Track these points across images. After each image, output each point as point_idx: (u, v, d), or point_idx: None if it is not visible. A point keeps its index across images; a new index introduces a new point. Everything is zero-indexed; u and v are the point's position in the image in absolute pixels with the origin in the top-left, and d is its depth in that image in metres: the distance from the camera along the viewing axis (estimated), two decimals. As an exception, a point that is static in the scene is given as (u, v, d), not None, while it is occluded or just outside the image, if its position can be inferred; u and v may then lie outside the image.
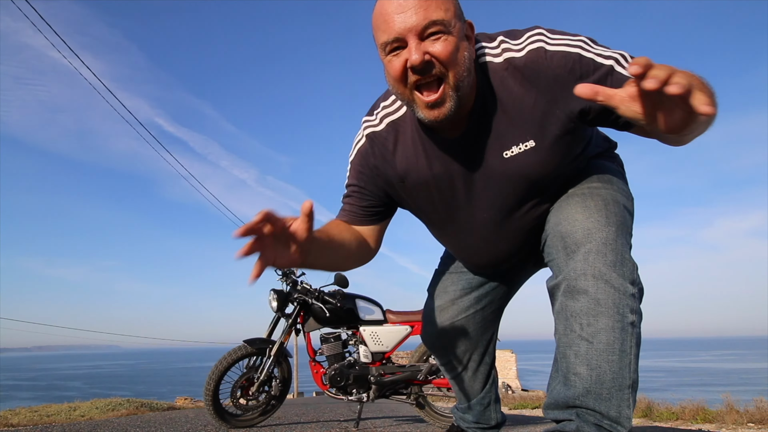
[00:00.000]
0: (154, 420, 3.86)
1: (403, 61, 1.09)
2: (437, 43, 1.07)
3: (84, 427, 3.24)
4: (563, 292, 1.17)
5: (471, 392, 1.77)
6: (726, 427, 4.12)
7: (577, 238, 1.15)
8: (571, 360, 1.14)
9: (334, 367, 3.30)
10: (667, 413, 4.83)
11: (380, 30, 1.11)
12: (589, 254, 1.12)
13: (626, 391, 1.12)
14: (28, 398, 38.57)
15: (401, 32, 1.07)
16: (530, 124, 1.18)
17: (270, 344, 3.21)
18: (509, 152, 1.21)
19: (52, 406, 6.49)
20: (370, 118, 1.36)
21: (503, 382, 23.68)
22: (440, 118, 1.13)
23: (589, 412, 1.13)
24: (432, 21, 1.06)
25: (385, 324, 3.48)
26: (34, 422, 4.43)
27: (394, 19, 1.07)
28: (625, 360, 1.11)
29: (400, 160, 1.31)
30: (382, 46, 1.12)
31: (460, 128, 1.22)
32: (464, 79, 1.11)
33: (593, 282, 1.11)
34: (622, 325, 1.10)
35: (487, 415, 1.81)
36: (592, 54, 1.13)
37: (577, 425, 1.14)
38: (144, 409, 5.64)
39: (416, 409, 3.43)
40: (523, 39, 1.17)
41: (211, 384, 3.04)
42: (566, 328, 1.15)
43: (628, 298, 1.11)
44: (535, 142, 1.19)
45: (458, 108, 1.14)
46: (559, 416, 1.20)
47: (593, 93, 0.86)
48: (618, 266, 1.12)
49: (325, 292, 3.37)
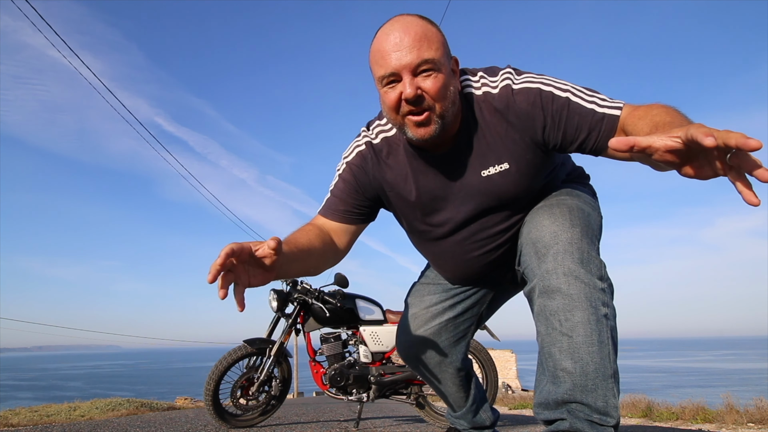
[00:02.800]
0: (154, 420, 3.86)
1: (398, 93, 1.24)
2: (428, 80, 1.23)
3: (84, 427, 3.24)
4: (539, 294, 1.26)
5: (456, 402, 1.88)
6: (726, 427, 4.12)
7: (546, 242, 1.27)
8: (557, 357, 1.21)
9: (334, 367, 3.30)
10: (667, 413, 4.84)
11: (378, 65, 1.26)
12: (558, 254, 1.24)
13: (609, 380, 1.19)
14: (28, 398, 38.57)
15: (397, 68, 1.22)
16: (503, 150, 1.34)
17: (270, 344, 3.21)
18: (486, 171, 1.37)
19: (52, 406, 6.49)
20: (367, 131, 1.50)
21: (503, 382, 23.69)
22: (426, 137, 1.27)
23: (579, 406, 1.19)
24: (424, 60, 1.21)
25: (385, 324, 3.48)
26: (34, 422, 4.43)
27: (391, 56, 1.22)
28: (604, 350, 1.19)
29: (390, 170, 1.46)
30: (379, 79, 1.27)
31: (447, 147, 1.37)
32: (449, 109, 1.27)
33: (564, 279, 1.21)
34: (596, 317, 1.19)
35: (479, 418, 1.92)
36: (551, 88, 1.28)
37: (570, 423, 1.20)
38: (144, 409, 5.64)
39: (416, 409, 3.43)
40: (497, 77, 1.34)
41: (211, 384, 3.04)
42: (547, 327, 1.23)
43: (599, 292, 1.21)
44: (509, 165, 1.35)
45: (442, 131, 1.29)
46: (550, 416, 1.24)
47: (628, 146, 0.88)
48: (585, 263, 1.22)
49: (325, 292, 3.37)
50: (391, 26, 1.25)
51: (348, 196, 1.49)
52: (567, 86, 1.28)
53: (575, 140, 1.27)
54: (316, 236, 1.42)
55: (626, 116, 1.20)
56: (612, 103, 1.24)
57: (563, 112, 1.26)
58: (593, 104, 1.25)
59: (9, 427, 3.78)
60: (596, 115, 1.23)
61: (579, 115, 1.25)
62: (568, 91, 1.27)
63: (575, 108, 1.25)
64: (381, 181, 1.48)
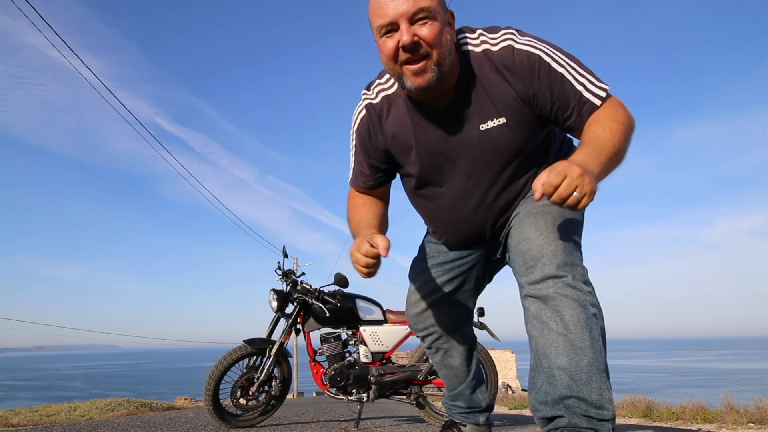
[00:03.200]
0: (154, 420, 3.86)
1: (395, 42, 1.31)
2: (424, 27, 1.29)
3: (84, 427, 3.24)
4: (531, 302, 1.34)
5: (458, 376, 1.94)
6: (726, 427, 4.12)
7: (533, 254, 1.36)
8: (552, 356, 1.27)
9: (334, 367, 3.29)
10: (667, 413, 4.84)
11: (376, 15, 1.32)
12: (544, 266, 1.33)
13: (602, 374, 1.25)
14: (28, 398, 38.56)
15: (394, 17, 1.29)
16: (501, 105, 1.41)
17: (270, 344, 3.21)
18: (485, 125, 1.43)
19: (52, 406, 6.49)
20: (367, 92, 1.58)
21: (503, 382, 23.68)
22: (423, 86, 1.34)
23: (575, 401, 1.23)
24: (420, 8, 1.28)
25: (385, 324, 3.47)
26: (34, 422, 4.43)
27: (388, 6, 1.29)
28: (596, 345, 1.26)
29: (391, 126, 1.54)
30: (377, 29, 1.33)
31: (446, 102, 1.44)
32: (446, 57, 1.33)
33: (552, 284, 1.30)
34: (587, 315, 1.27)
35: (476, 398, 1.98)
36: (550, 59, 1.36)
37: (567, 419, 1.24)
38: (144, 409, 5.64)
39: (416, 409, 3.42)
40: (498, 35, 1.40)
41: (211, 384, 3.03)
42: (542, 329, 1.30)
43: (586, 294, 1.30)
44: (505, 120, 1.42)
45: (440, 81, 1.34)
46: (547, 414, 1.28)
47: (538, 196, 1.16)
48: (569, 269, 1.31)
49: (325, 292, 3.36)
50: None
51: (368, 167, 1.63)
52: (564, 61, 1.36)
53: (556, 115, 1.40)
54: (377, 205, 1.68)
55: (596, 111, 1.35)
56: (598, 87, 1.35)
57: (556, 86, 1.35)
58: (582, 86, 1.35)
59: (9, 427, 3.78)
60: (582, 99, 1.35)
61: (568, 93, 1.35)
62: (563, 67, 1.35)
63: (567, 86, 1.35)
64: (386, 140, 1.56)
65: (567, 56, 1.37)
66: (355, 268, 1.41)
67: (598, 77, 1.36)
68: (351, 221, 1.64)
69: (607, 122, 1.31)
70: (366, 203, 1.68)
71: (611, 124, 1.30)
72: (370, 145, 1.59)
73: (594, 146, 1.26)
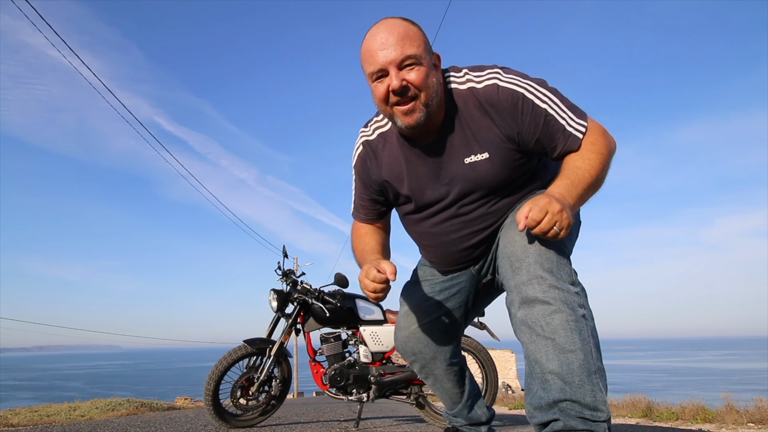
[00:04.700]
0: (154, 420, 3.86)
1: (386, 86, 1.42)
2: (412, 72, 1.39)
3: (84, 427, 3.24)
4: (518, 306, 1.36)
5: (452, 398, 1.99)
6: (726, 427, 4.12)
7: (518, 255, 1.39)
8: (543, 362, 1.28)
9: (334, 367, 3.29)
10: (667, 413, 4.84)
11: (367, 62, 1.44)
12: (530, 266, 1.35)
13: (594, 376, 1.26)
14: (28, 398, 38.56)
15: (383, 64, 1.40)
16: (484, 140, 1.48)
17: (270, 344, 3.21)
18: (469, 159, 1.51)
19: (52, 406, 6.50)
20: (365, 129, 1.70)
21: (503, 382, 23.68)
22: (412, 124, 1.44)
23: (570, 404, 1.25)
24: (407, 55, 1.38)
25: (385, 324, 3.47)
26: (34, 422, 4.43)
27: (378, 54, 1.40)
28: (586, 347, 1.27)
29: (386, 161, 1.64)
30: (369, 75, 1.45)
31: (432, 137, 1.53)
32: (433, 98, 1.43)
33: (538, 287, 1.32)
34: (575, 318, 1.28)
35: (475, 414, 2.03)
36: (533, 96, 1.43)
37: (563, 423, 1.25)
38: (144, 409, 5.64)
39: (416, 409, 3.42)
40: (483, 73, 1.48)
41: (211, 384, 3.03)
42: (531, 335, 1.31)
43: (573, 295, 1.32)
44: (488, 155, 1.49)
45: (427, 119, 1.44)
46: (543, 418, 1.30)
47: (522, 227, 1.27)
48: (555, 270, 1.34)
49: (325, 292, 3.36)
50: (377, 28, 1.42)
51: (368, 200, 1.75)
52: (546, 97, 1.44)
53: (543, 147, 1.48)
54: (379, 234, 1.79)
55: None
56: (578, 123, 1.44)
57: (540, 121, 1.43)
58: (564, 120, 1.43)
59: (9, 427, 3.78)
60: (566, 132, 1.43)
61: (551, 128, 1.43)
62: (546, 103, 1.43)
63: (550, 121, 1.43)
64: (381, 174, 1.66)
65: (550, 91, 1.44)
66: (365, 294, 1.50)
67: (578, 112, 1.45)
68: (356, 250, 1.75)
69: (587, 153, 1.42)
70: (369, 233, 1.78)
71: (590, 155, 1.41)
72: (368, 180, 1.70)
73: (572, 178, 1.37)
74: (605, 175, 1.43)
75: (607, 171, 1.43)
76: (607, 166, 1.43)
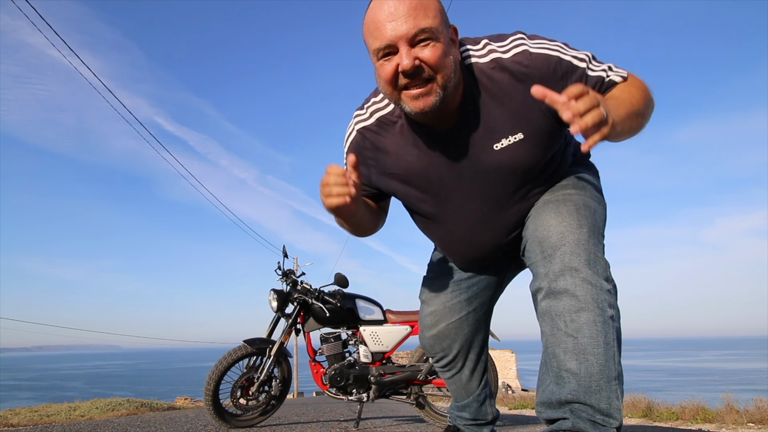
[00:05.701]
0: (154, 420, 3.86)
1: (394, 66, 1.17)
2: (426, 49, 1.16)
3: (84, 427, 3.24)
4: (545, 295, 1.25)
5: (468, 391, 1.84)
6: (726, 427, 4.12)
7: (553, 242, 1.26)
8: (561, 357, 1.20)
9: (334, 367, 3.29)
10: (667, 413, 4.84)
11: (372, 36, 1.19)
12: (564, 255, 1.22)
13: (613, 382, 1.18)
14: (28, 398, 38.55)
15: (393, 39, 1.15)
16: (519, 117, 1.28)
17: (270, 344, 3.21)
18: (499, 144, 1.30)
19: (52, 406, 6.50)
20: (360, 111, 1.43)
21: (503, 382, 23.68)
22: (425, 110, 1.21)
23: (582, 407, 1.18)
24: (421, 29, 1.14)
25: (385, 324, 3.47)
26: (34, 422, 4.43)
27: (386, 27, 1.15)
28: (609, 352, 1.18)
29: (389, 152, 1.39)
30: (374, 52, 1.20)
31: (450, 123, 1.31)
32: (451, 80, 1.20)
33: (571, 280, 1.20)
34: (603, 319, 1.18)
35: (483, 410, 1.88)
36: (569, 57, 1.26)
37: (572, 422, 1.18)
38: (144, 409, 5.64)
39: (416, 409, 3.42)
40: (507, 42, 1.28)
41: (211, 384, 3.03)
42: (552, 327, 1.22)
43: (605, 293, 1.20)
44: (523, 134, 1.29)
45: (442, 103, 1.22)
46: (552, 415, 1.23)
47: (542, 95, 1.03)
48: (592, 264, 1.21)
49: (325, 292, 3.37)
50: None
51: None
52: (583, 54, 1.28)
53: None
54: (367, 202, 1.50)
55: None
56: (617, 71, 1.29)
57: (582, 81, 1.26)
58: (605, 72, 1.28)
59: (9, 427, 3.78)
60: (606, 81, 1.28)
61: (595, 81, 1.27)
62: (584, 61, 1.27)
63: (593, 77, 1.28)
64: (382, 170, 1.43)
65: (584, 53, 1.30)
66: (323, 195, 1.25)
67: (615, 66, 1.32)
68: None
69: (626, 87, 1.26)
70: None
71: (630, 89, 1.25)
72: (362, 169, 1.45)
73: (613, 102, 1.17)
74: (647, 111, 1.26)
75: (648, 108, 1.27)
76: (649, 104, 1.27)
